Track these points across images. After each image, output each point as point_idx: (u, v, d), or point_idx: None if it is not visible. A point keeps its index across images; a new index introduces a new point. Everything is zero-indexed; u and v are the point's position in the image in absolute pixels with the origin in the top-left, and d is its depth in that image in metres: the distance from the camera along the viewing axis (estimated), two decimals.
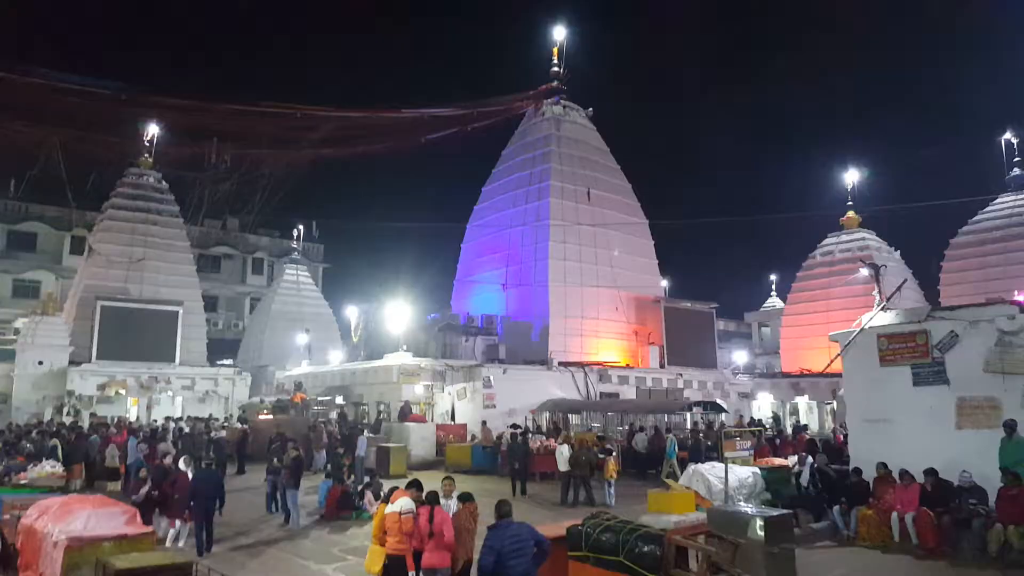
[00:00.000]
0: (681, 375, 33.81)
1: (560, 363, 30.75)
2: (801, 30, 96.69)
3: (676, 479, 18.61)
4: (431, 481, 9.33)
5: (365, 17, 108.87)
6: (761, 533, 8.60)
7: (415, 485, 8.54)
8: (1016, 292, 24.11)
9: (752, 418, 32.21)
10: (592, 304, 34.49)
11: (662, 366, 34.11)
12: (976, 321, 12.38)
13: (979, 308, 12.95)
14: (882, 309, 14.32)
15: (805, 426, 28.04)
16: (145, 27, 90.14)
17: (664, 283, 40.88)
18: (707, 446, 21.00)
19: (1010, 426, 11.26)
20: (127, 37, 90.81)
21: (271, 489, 15.29)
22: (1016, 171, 37.09)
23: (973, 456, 11.52)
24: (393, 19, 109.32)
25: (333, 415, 28.03)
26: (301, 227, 50.23)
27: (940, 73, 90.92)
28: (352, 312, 38.67)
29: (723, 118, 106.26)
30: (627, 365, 33.74)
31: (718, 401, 28.08)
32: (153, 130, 36.76)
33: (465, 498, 8.37)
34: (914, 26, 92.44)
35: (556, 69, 39.50)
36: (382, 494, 10.70)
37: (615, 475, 16.75)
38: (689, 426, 26.29)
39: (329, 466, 17.04)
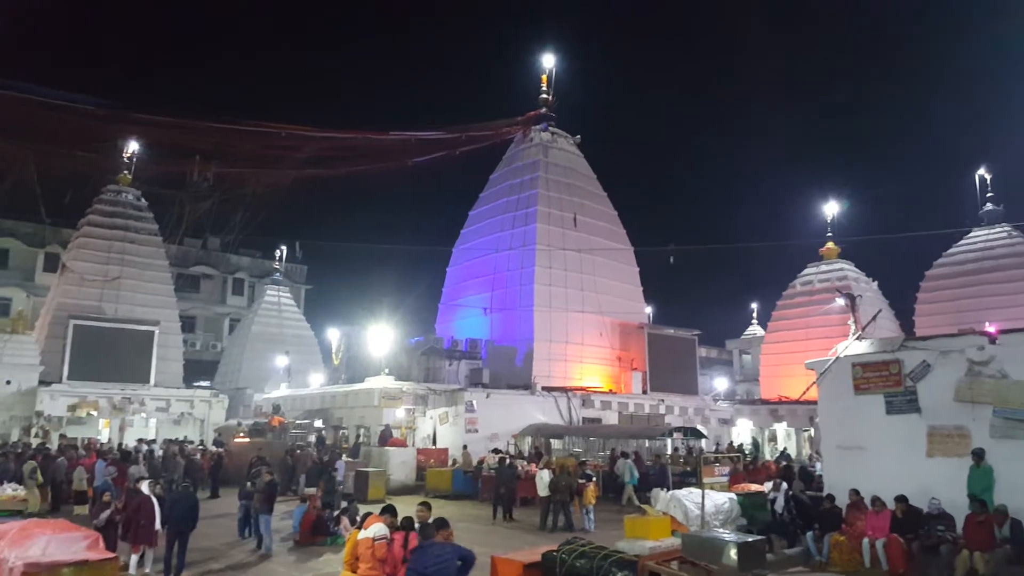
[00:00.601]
0: (663, 401, 33.93)
1: (543, 388, 30.78)
2: (785, 61, 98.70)
3: (633, 504, 18.75)
4: (410, 507, 9.31)
5: (356, 38, 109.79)
6: (734, 558, 8.69)
7: (389, 511, 8.52)
8: (987, 323, 24.57)
9: (731, 443, 32.36)
10: (576, 329, 34.63)
11: (644, 392, 34.22)
12: (947, 351, 12.62)
13: (950, 339, 13.23)
14: (857, 338, 14.57)
15: (788, 455, 28.25)
16: (128, 43, 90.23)
17: (648, 310, 41.16)
18: (679, 472, 21.10)
19: (978, 454, 11.47)
20: (107, 52, 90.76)
21: (243, 514, 15.09)
22: (989, 206, 38.07)
23: (942, 483, 11.71)
24: (385, 39, 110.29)
25: (312, 438, 27.74)
26: (284, 248, 49.85)
27: (918, 108, 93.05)
28: (334, 334, 38.43)
29: (707, 148, 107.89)
30: (610, 391, 33.84)
31: (698, 427, 28.19)
32: (133, 147, 36.41)
33: (440, 524, 8.34)
34: (893, 60, 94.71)
35: (545, 96, 39.96)
36: (358, 519, 10.62)
37: (594, 500, 16.75)
38: (670, 451, 26.35)
39: (308, 489, 16.86)
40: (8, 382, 29.76)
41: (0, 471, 17.76)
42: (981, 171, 37.79)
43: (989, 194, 38.13)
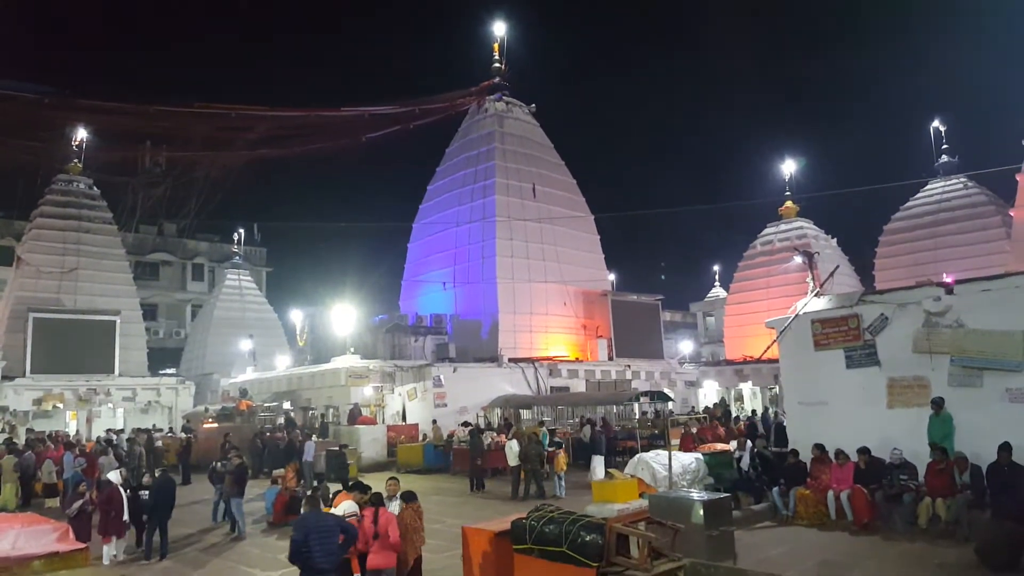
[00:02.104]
0: (629, 366, 34.29)
1: (510, 360, 30.87)
2: (738, 20, 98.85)
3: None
4: (383, 483, 9.29)
5: (303, 14, 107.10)
6: (701, 516, 8.83)
7: (358, 487, 8.53)
8: (945, 275, 25.16)
9: (715, 406, 32.89)
10: (541, 300, 34.68)
11: (610, 358, 34.53)
12: (904, 304, 12.86)
13: (907, 291, 13.46)
14: (816, 295, 14.78)
15: (755, 414, 28.77)
16: (71, 27, 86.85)
17: (611, 277, 41.39)
18: (647, 435, 21.20)
19: (937, 403, 11.75)
20: (52, 38, 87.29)
21: (218, 497, 14.99)
22: (944, 158, 38.54)
23: (903, 433, 12.00)
24: (331, 15, 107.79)
25: (280, 421, 27.56)
26: (242, 231, 49.21)
27: (872, 62, 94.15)
28: (297, 316, 38.09)
29: (665, 111, 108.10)
30: (576, 359, 34.07)
31: (665, 390, 28.55)
32: (82, 134, 35.57)
33: (409, 497, 8.38)
34: (845, 15, 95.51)
35: (497, 65, 39.44)
36: (330, 498, 10.64)
37: (565, 467, 16.90)
38: (638, 415, 26.67)
39: (278, 471, 16.70)
40: None
41: None
42: (936, 123, 38.28)
43: (944, 146, 38.57)
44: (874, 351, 12.99)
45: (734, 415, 29.21)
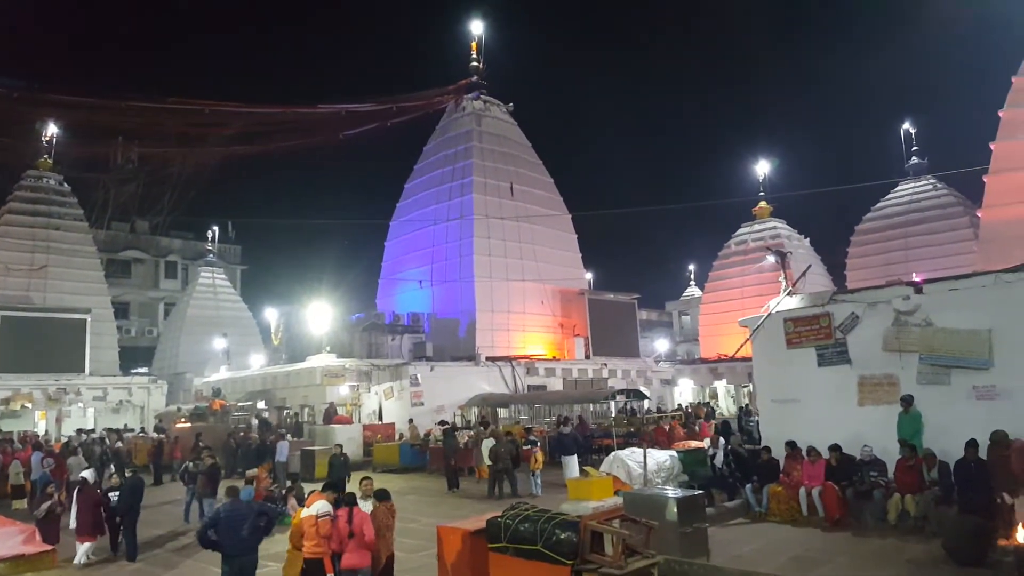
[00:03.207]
0: (606, 365, 34.45)
1: (488, 358, 30.87)
2: (712, 21, 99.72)
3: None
4: (359, 483, 9.25)
5: (279, 9, 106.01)
6: (675, 513, 8.89)
7: (332, 487, 8.47)
8: (915, 274, 25.61)
9: (699, 404, 33.11)
10: (518, 298, 34.72)
11: (587, 357, 34.67)
12: (875, 303, 13.03)
13: (877, 290, 13.66)
14: (788, 294, 14.92)
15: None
16: (41, 21, 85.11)
17: (588, 276, 41.57)
18: (623, 433, 21.20)
19: (907, 400, 11.90)
20: (22, 32, 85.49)
21: (190, 498, 14.81)
22: (914, 159, 39.27)
23: (874, 430, 12.14)
24: (310, 8, 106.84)
25: (254, 421, 27.28)
26: (216, 228, 48.75)
27: (844, 62, 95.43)
28: (272, 314, 37.78)
29: (642, 112, 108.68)
30: (554, 357, 34.15)
31: (641, 388, 28.74)
32: (52, 130, 35.03)
33: (382, 496, 8.36)
34: (817, 16, 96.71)
35: (475, 63, 39.41)
36: (305, 498, 10.56)
37: (541, 466, 16.90)
38: (614, 413, 26.77)
39: (251, 471, 16.51)
40: None
41: None
42: (906, 125, 39.00)
43: (914, 148, 39.37)
44: (845, 349, 13.15)
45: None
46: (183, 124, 37.32)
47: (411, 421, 24.97)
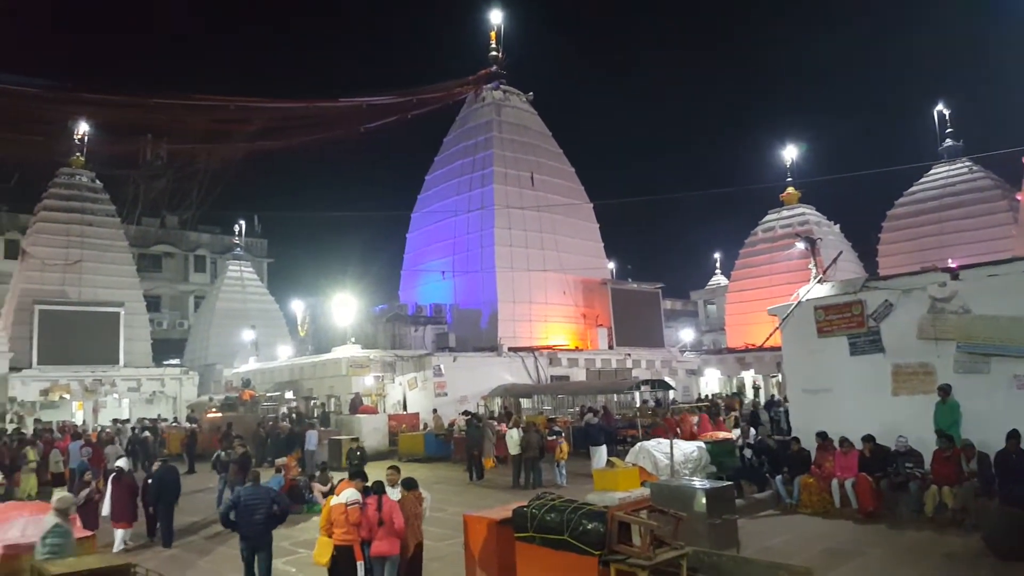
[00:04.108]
0: (629, 355, 34.23)
1: (510, 349, 30.83)
2: (739, 4, 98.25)
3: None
4: (385, 472, 9.28)
5: (296, 6, 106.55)
6: (704, 505, 8.76)
7: (360, 476, 8.50)
8: (950, 260, 25.02)
9: (733, 393, 32.88)
10: (540, 289, 34.60)
11: (610, 347, 34.47)
12: (909, 290, 12.74)
13: (912, 277, 13.37)
14: (818, 282, 14.67)
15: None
16: (72, 21, 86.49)
17: (611, 265, 41.32)
18: (647, 424, 20.89)
19: (944, 390, 11.62)
20: (53, 31, 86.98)
21: (222, 486, 15.01)
22: (948, 142, 38.18)
23: (909, 421, 11.88)
24: (328, 4, 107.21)
25: (283, 410, 27.61)
26: (243, 222, 49.38)
27: (875, 43, 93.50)
28: (298, 306, 38.15)
29: (665, 97, 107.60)
30: (576, 348, 34.01)
31: (666, 379, 28.52)
32: (84, 128, 35.68)
33: (409, 484, 8.37)
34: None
35: (495, 53, 39.20)
36: (332, 486, 10.68)
37: (566, 456, 16.85)
38: (638, 403, 26.62)
39: (280, 460, 16.72)
40: None
41: None
42: (940, 107, 37.91)
43: (949, 130, 38.20)
44: (878, 338, 12.88)
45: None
46: (209, 120, 37.78)
47: (435, 411, 25.07)
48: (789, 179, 38.72)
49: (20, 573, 7.77)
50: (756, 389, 33.66)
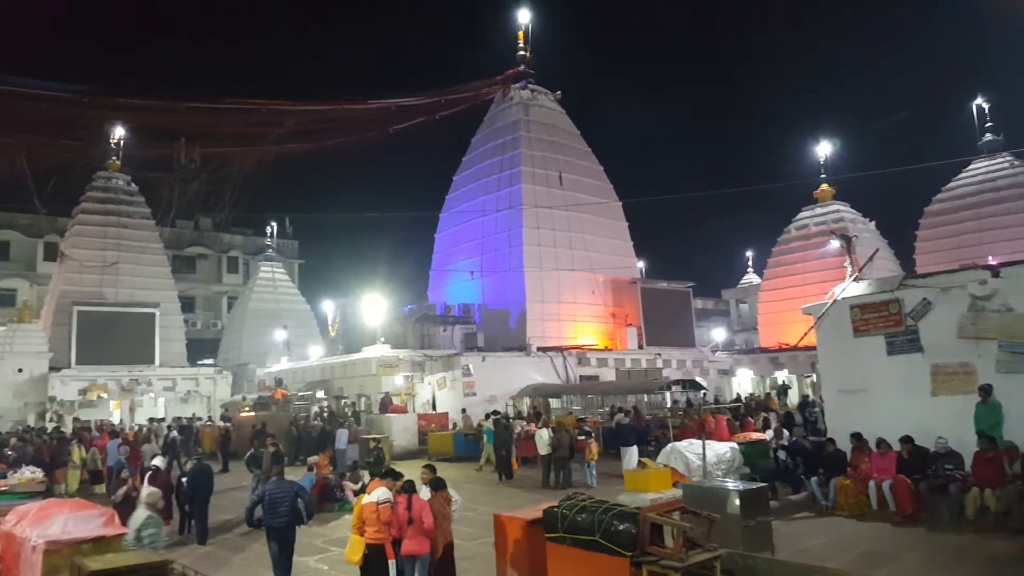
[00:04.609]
0: (660, 355, 33.96)
1: (539, 348, 30.77)
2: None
3: (490, 463, 18.70)
4: (415, 471, 9.31)
5: (327, 8, 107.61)
6: (737, 506, 8.64)
7: (390, 475, 8.53)
8: (990, 257, 24.38)
9: (736, 395, 32.44)
10: (568, 288, 34.48)
11: (640, 347, 34.23)
12: (948, 288, 12.48)
13: (951, 275, 13.08)
14: (854, 280, 14.40)
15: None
16: (107, 27, 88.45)
17: (640, 264, 41.04)
18: (678, 424, 20.56)
19: (985, 390, 11.33)
20: (88, 38, 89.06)
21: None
22: (988, 136, 37.27)
23: (949, 422, 11.62)
24: (355, 9, 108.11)
25: (315, 409, 27.89)
26: (274, 224, 49.90)
27: (912, 37, 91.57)
28: (329, 307, 38.52)
29: (695, 94, 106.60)
30: (605, 348, 33.83)
31: (697, 379, 28.23)
32: (119, 132, 36.44)
33: (437, 485, 8.36)
34: None
35: (522, 53, 39.19)
36: (363, 484, 10.76)
37: (596, 456, 16.76)
38: (669, 404, 26.37)
39: (311, 458, 16.87)
40: (20, 370, 30.77)
41: (19, 455, 17.93)
42: (979, 100, 37.02)
43: (988, 124, 37.28)
44: (916, 337, 12.63)
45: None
46: (241, 124, 38.28)
47: (464, 411, 25.12)
48: (823, 175, 38.08)
49: (61, 569, 7.95)
50: (786, 389, 33.11)
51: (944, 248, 35.57)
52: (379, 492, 8.15)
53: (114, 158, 36.83)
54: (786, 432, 13.97)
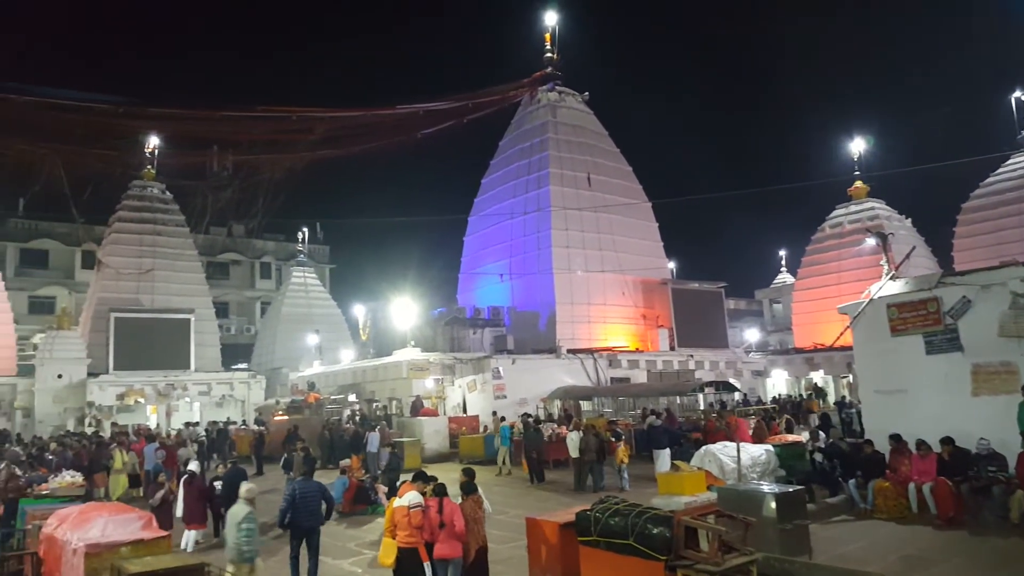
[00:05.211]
0: (692, 356, 33.62)
1: (569, 351, 30.64)
2: None
3: (508, 470, 18.54)
4: (447, 473, 9.36)
5: (356, 12, 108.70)
6: (774, 510, 8.50)
7: (421, 478, 8.57)
8: None
9: (772, 397, 31.95)
10: (598, 290, 34.32)
11: (672, 348, 33.93)
12: (988, 285, 12.20)
13: (991, 272, 12.77)
14: (891, 278, 14.11)
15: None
16: (138, 36, 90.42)
17: (671, 265, 40.70)
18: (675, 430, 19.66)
19: None
20: (119, 49, 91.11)
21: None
22: None
23: (991, 423, 11.36)
24: (384, 14, 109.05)
25: (347, 413, 28.12)
26: (306, 229, 50.52)
27: (948, 29, 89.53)
28: (360, 311, 38.85)
29: (725, 92, 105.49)
30: (636, 349, 33.60)
31: (730, 380, 27.89)
32: (154, 141, 37.19)
33: (469, 489, 8.37)
34: None
35: (549, 55, 39.15)
36: (398, 485, 10.80)
37: (627, 459, 16.62)
38: (702, 406, 26.07)
39: (344, 461, 17.01)
40: (59, 376, 31.48)
41: (59, 460, 18.33)
42: (1017, 93, 36.06)
43: None
44: (956, 336, 12.34)
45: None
46: (272, 131, 38.88)
47: (495, 413, 25.08)
48: (857, 172, 37.39)
49: (101, 572, 8.11)
50: (819, 391, 32.49)
51: (983, 245, 34.70)
52: (410, 496, 8.17)
53: (149, 167, 37.64)
54: (822, 434, 13.69)
